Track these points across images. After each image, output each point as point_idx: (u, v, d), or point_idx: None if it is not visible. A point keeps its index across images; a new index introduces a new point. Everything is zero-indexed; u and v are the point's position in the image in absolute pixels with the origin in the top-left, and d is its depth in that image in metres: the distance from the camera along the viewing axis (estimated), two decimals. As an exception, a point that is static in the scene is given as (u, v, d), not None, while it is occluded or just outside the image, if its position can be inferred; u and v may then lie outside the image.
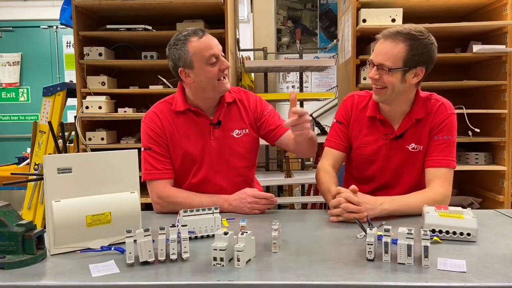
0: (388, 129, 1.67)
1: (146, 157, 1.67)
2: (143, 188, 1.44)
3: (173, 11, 2.95)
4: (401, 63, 1.51)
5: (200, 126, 1.69)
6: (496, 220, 1.45)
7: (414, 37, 1.50)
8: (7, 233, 1.05)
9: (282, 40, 5.35)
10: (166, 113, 1.70)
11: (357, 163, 1.76)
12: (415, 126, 1.64)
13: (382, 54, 1.52)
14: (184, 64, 1.60)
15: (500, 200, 2.79)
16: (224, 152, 1.71)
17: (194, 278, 0.97)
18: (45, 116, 3.15)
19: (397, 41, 1.50)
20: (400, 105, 1.63)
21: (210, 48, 1.58)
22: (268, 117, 1.78)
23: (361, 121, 1.71)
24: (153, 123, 1.68)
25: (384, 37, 1.54)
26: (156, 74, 3.05)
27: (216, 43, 1.62)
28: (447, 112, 1.62)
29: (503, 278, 0.95)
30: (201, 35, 1.59)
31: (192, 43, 1.58)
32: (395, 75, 1.52)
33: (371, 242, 1.04)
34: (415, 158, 1.65)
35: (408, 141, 1.65)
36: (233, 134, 1.72)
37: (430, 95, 1.67)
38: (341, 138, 1.74)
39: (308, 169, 3.83)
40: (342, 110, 1.77)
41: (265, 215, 1.55)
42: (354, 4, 2.81)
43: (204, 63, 1.58)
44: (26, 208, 3.12)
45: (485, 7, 2.95)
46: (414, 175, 1.66)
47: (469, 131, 2.84)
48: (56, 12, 3.50)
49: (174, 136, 1.68)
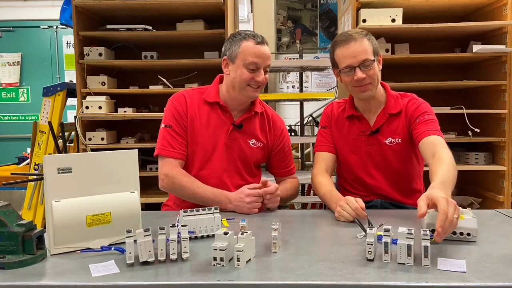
0: (365, 125, 1.76)
1: (164, 134, 1.71)
2: (143, 188, 1.44)
3: (173, 11, 2.95)
4: (373, 53, 1.64)
5: (222, 122, 1.73)
6: (496, 220, 1.45)
7: (363, 33, 1.66)
8: (7, 233, 1.05)
9: (282, 40, 5.36)
10: (195, 99, 1.75)
11: (344, 165, 1.82)
12: (389, 121, 1.73)
13: (359, 52, 1.61)
14: (229, 55, 1.68)
15: (500, 200, 2.79)
16: (235, 155, 1.74)
17: (194, 278, 0.97)
18: (45, 116, 3.15)
19: (359, 39, 1.63)
20: (376, 98, 1.73)
21: (257, 57, 1.64)
22: (283, 155, 1.86)
23: (341, 123, 1.81)
24: (179, 104, 1.73)
25: (345, 41, 1.63)
26: (156, 74, 3.05)
27: (266, 57, 1.67)
28: (417, 102, 1.72)
29: (503, 278, 0.95)
30: (259, 41, 1.65)
31: (246, 42, 1.64)
32: (375, 65, 1.64)
33: (371, 242, 1.05)
34: (394, 151, 1.72)
35: (385, 136, 1.73)
36: (250, 142, 1.77)
37: (402, 94, 1.78)
38: (328, 141, 1.81)
39: (308, 169, 3.83)
40: (324, 117, 1.87)
41: (265, 215, 1.55)
42: (354, 4, 2.81)
43: (244, 64, 1.64)
44: (26, 208, 3.12)
45: (485, 7, 2.95)
46: (397, 168, 1.73)
47: (469, 131, 2.84)
48: (56, 12, 3.51)
49: (195, 123, 1.72)
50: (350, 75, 1.64)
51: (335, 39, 1.71)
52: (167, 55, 3.14)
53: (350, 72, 1.64)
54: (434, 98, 1.81)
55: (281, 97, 3.49)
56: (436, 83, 2.86)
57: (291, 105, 4.01)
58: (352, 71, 1.63)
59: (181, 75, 3.15)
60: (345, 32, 1.68)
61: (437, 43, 3.18)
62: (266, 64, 1.67)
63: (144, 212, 1.34)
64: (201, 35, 2.99)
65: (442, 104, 2.87)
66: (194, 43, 3.17)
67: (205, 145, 1.72)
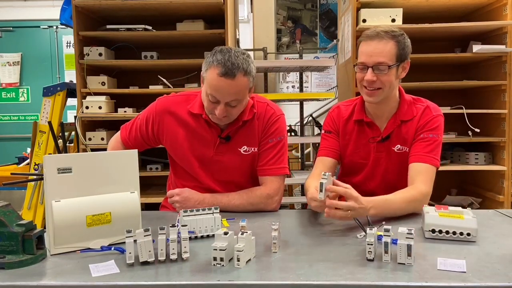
0: (375, 131, 1.67)
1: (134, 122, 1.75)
2: (143, 188, 1.44)
3: (173, 11, 2.95)
4: (395, 58, 1.53)
5: (208, 136, 1.64)
6: (496, 220, 1.45)
7: (396, 33, 1.54)
8: (7, 233, 1.05)
9: (282, 40, 5.36)
10: (179, 111, 1.66)
11: (348, 169, 1.76)
12: (400, 127, 1.64)
13: (376, 53, 1.52)
14: (202, 74, 1.55)
15: (500, 200, 2.79)
16: (227, 166, 1.65)
17: (194, 278, 0.97)
18: (45, 116, 3.15)
19: (386, 39, 1.52)
20: (388, 104, 1.64)
21: (216, 91, 1.47)
22: (265, 149, 1.65)
23: (349, 130, 1.71)
24: (158, 118, 1.67)
25: (370, 37, 1.54)
26: (156, 74, 3.05)
27: (229, 92, 1.47)
28: (432, 113, 1.62)
29: (503, 278, 0.95)
30: (224, 73, 1.44)
31: (211, 70, 1.47)
32: (392, 72, 1.54)
33: (371, 242, 1.05)
34: (401, 160, 1.64)
35: (394, 143, 1.65)
36: (241, 150, 1.64)
37: (415, 99, 1.68)
38: (331, 146, 1.72)
39: (308, 169, 3.83)
40: (328, 121, 1.76)
41: (265, 215, 1.55)
42: (354, 4, 2.81)
43: (205, 92, 1.52)
44: (26, 208, 3.12)
45: (485, 7, 2.95)
46: (401, 177, 1.63)
47: (469, 131, 2.84)
48: (56, 12, 3.51)
49: (177, 137, 1.66)
50: (361, 73, 1.57)
51: (366, 31, 1.59)
52: (167, 55, 3.14)
53: (363, 71, 1.56)
54: (434, 98, 1.80)
55: (281, 97, 3.49)
56: (436, 83, 2.86)
57: (291, 105, 4.01)
58: (364, 70, 1.55)
59: (181, 75, 3.16)
60: (377, 28, 1.56)
61: (437, 43, 3.18)
62: (227, 100, 1.48)
63: (144, 212, 1.34)
64: (201, 35, 2.99)
65: (442, 104, 2.84)
66: (194, 43, 3.17)
67: (189, 161, 1.66)
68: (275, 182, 1.64)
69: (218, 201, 1.56)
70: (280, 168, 1.66)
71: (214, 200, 1.56)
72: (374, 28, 1.57)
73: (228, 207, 1.56)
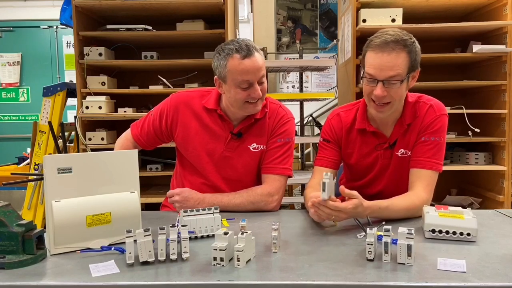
0: (381, 138, 1.61)
1: (146, 118, 1.76)
2: (143, 188, 1.44)
3: (173, 11, 2.95)
4: (407, 70, 1.44)
5: (220, 131, 1.67)
6: (496, 220, 1.45)
7: (407, 41, 1.43)
8: (7, 233, 1.05)
9: (282, 40, 5.36)
10: (194, 105, 1.69)
11: (353, 175, 1.74)
12: (404, 131, 1.59)
13: (388, 67, 1.41)
14: (219, 75, 1.58)
15: (500, 200, 2.79)
16: (235, 163, 1.68)
17: (194, 278, 0.97)
18: (45, 116, 3.15)
19: (397, 50, 1.41)
20: (394, 112, 1.56)
21: (246, 74, 1.51)
22: (271, 148, 1.67)
23: (353, 139, 1.65)
24: (173, 110, 1.70)
25: (379, 48, 1.42)
26: (156, 74, 3.05)
27: (257, 69, 1.53)
28: (435, 114, 1.55)
29: (503, 278, 0.95)
30: (245, 55, 1.50)
31: (231, 60, 1.52)
32: (403, 85, 1.45)
33: (371, 242, 1.05)
34: (403, 164, 1.59)
35: (398, 147, 1.60)
36: (250, 147, 1.67)
37: (419, 97, 1.60)
38: (329, 156, 1.66)
39: (308, 169, 3.83)
40: (327, 129, 1.68)
41: (265, 215, 1.55)
42: (354, 4, 2.81)
43: (235, 84, 1.54)
44: (26, 208, 3.12)
45: (485, 7, 2.95)
46: (405, 180, 1.58)
47: (469, 131, 2.84)
48: (56, 12, 3.51)
49: (190, 131, 1.68)
50: (369, 86, 1.46)
51: (373, 36, 1.47)
52: (167, 55, 3.14)
53: (372, 83, 1.45)
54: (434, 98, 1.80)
55: (281, 97, 3.48)
56: (436, 83, 2.86)
57: (291, 105, 3.99)
58: (373, 83, 1.44)
59: (181, 75, 3.15)
60: (387, 34, 1.43)
61: (437, 43, 3.18)
62: (258, 77, 1.54)
63: (144, 212, 1.34)
64: (201, 35, 2.99)
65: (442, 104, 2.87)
66: (194, 43, 3.17)
67: (198, 154, 1.68)
68: (277, 181, 1.65)
69: (218, 201, 1.56)
70: (284, 169, 1.67)
71: (214, 200, 1.57)
72: (381, 34, 1.44)
73: (228, 206, 1.57)
